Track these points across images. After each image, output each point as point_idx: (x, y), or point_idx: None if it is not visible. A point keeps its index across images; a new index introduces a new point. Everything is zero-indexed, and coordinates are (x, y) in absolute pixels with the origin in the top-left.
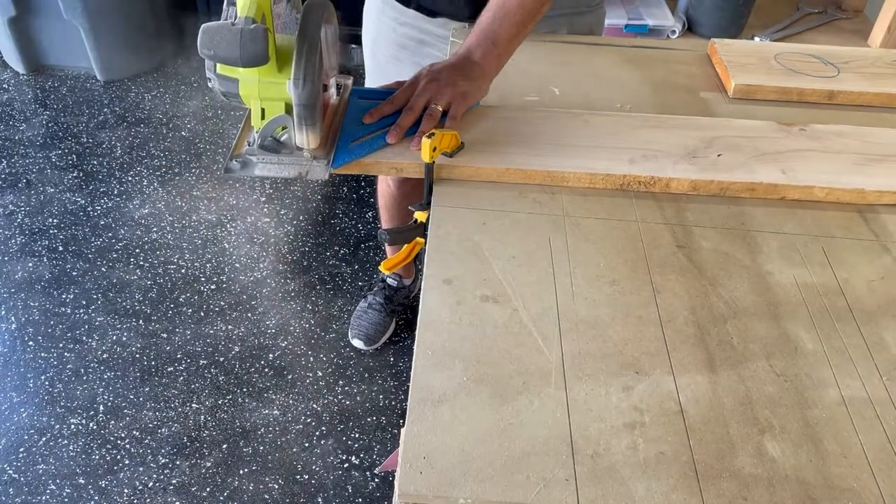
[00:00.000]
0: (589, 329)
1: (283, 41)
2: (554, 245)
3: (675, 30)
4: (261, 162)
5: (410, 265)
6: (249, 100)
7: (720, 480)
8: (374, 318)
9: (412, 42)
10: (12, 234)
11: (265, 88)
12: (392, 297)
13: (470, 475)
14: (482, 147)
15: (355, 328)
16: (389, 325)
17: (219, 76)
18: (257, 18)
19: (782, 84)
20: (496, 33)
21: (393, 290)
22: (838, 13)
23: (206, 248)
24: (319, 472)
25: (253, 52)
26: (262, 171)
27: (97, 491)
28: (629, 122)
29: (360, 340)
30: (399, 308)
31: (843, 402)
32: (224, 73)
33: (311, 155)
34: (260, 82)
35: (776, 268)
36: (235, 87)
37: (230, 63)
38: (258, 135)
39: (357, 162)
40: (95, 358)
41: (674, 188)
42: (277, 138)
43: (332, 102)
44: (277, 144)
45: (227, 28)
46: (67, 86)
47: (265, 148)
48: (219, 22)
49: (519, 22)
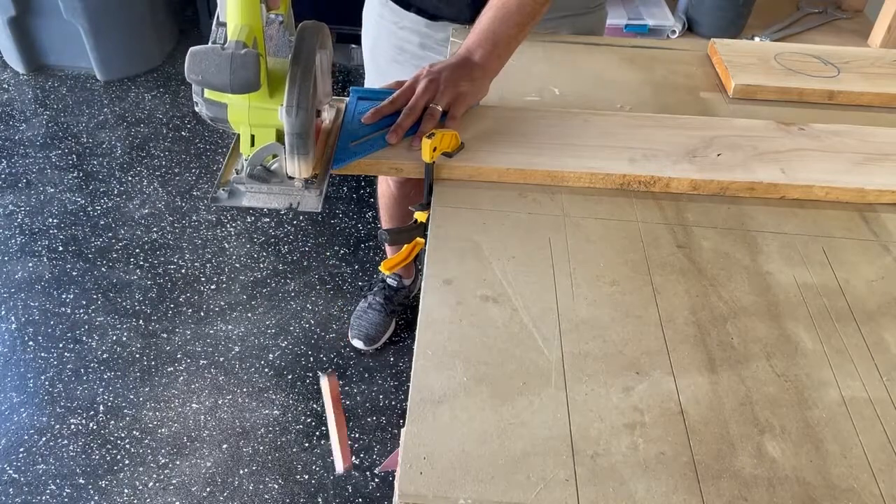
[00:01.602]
0: (589, 329)
1: (275, 64)
2: (554, 245)
3: (675, 30)
4: (249, 192)
5: (410, 265)
6: (238, 125)
7: (720, 481)
8: (374, 318)
9: (412, 45)
10: (12, 234)
11: (256, 114)
12: (392, 297)
13: (470, 475)
14: (482, 147)
15: (355, 328)
16: (389, 325)
17: (206, 101)
18: (248, 42)
19: (782, 84)
20: (496, 34)
21: (393, 290)
22: (838, 13)
23: (206, 248)
24: (319, 472)
25: (244, 79)
26: (250, 201)
27: (97, 491)
28: (629, 121)
29: (359, 340)
30: (399, 308)
31: (844, 402)
32: (212, 97)
33: (303, 184)
34: (250, 108)
35: (776, 268)
36: (224, 112)
37: (219, 89)
38: (247, 163)
39: (357, 163)
40: (95, 358)
41: (674, 188)
42: (267, 167)
43: (324, 127)
44: (267, 173)
45: (216, 52)
46: (67, 86)
47: (254, 177)
48: (207, 45)
49: (519, 23)
